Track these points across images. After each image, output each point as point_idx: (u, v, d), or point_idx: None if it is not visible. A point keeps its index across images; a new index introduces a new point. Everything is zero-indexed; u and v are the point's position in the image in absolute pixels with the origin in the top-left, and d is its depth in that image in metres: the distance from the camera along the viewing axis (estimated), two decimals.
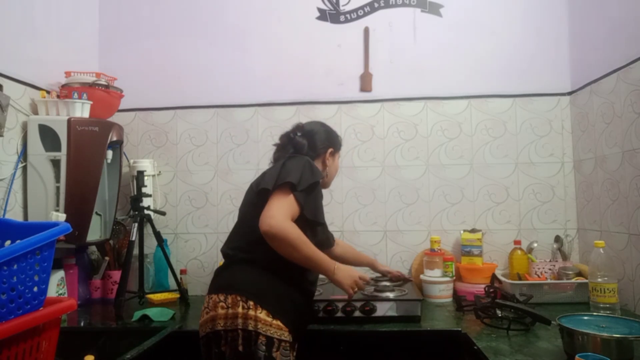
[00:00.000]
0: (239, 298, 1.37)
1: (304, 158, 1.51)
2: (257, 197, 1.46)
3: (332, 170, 1.71)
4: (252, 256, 1.43)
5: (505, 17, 2.30)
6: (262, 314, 1.35)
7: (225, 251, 1.52)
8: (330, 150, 1.67)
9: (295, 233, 1.36)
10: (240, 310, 1.35)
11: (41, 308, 1.00)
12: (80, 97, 1.94)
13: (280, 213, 1.36)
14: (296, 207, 1.41)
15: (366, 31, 2.35)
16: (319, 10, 2.38)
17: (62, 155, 1.88)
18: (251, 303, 1.36)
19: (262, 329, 1.34)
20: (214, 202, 2.36)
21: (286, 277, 1.43)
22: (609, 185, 1.92)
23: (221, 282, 1.46)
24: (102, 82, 2.07)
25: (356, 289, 1.51)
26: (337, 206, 2.32)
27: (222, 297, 1.39)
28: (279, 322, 1.37)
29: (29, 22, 1.95)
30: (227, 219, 2.33)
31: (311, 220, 1.46)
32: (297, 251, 1.36)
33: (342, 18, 2.37)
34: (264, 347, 1.33)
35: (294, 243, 1.35)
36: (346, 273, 1.49)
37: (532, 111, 2.26)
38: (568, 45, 2.26)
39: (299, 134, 1.64)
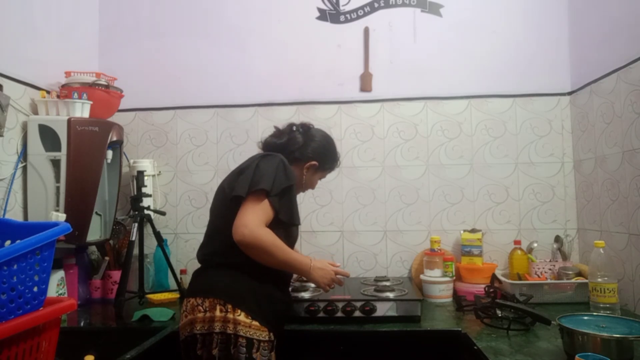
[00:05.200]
0: (216, 301, 1.37)
1: (277, 158, 1.46)
2: (231, 203, 1.42)
3: (306, 184, 1.63)
4: (228, 260, 1.42)
5: (506, 17, 2.30)
6: (241, 316, 1.36)
7: (201, 257, 1.51)
8: (312, 163, 1.59)
9: (269, 240, 1.35)
10: (218, 313, 1.36)
11: (41, 308, 1.00)
12: (80, 97, 1.94)
13: (253, 220, 1.34)
14: (270, 211, 1.40)
15: (366, 31, 2.35)
16: (319, 10, 2.38)
17: (62, 155, 1.87)
18: (229, 306, 1.36)
19: (242, 331, 1.34)
20: None
21: (263, 276, 1.42)
22: (609, 185, 1.92)
23: (199, 285, 1.46)
24: (102, 82, 2.07)
25: (333, 286, 1.52)
26: (337, 206, 2.32)
27: (199, 301, 1.39)
28: (257, 323, 1.37)
29: (29, 22, 1.95)
30: None
31: (287, 222, 1.45)
32: (272, 257, 1.37)
33: (342, 18, 2.37)
34: (244, 349, 1.33)
35: (269, 250, 1.35)
36: (322, 272, 1.49)
37: (532, 111, 2.26)
38: (568, 45, 2.26)
39: (301, 129, 1.62)
